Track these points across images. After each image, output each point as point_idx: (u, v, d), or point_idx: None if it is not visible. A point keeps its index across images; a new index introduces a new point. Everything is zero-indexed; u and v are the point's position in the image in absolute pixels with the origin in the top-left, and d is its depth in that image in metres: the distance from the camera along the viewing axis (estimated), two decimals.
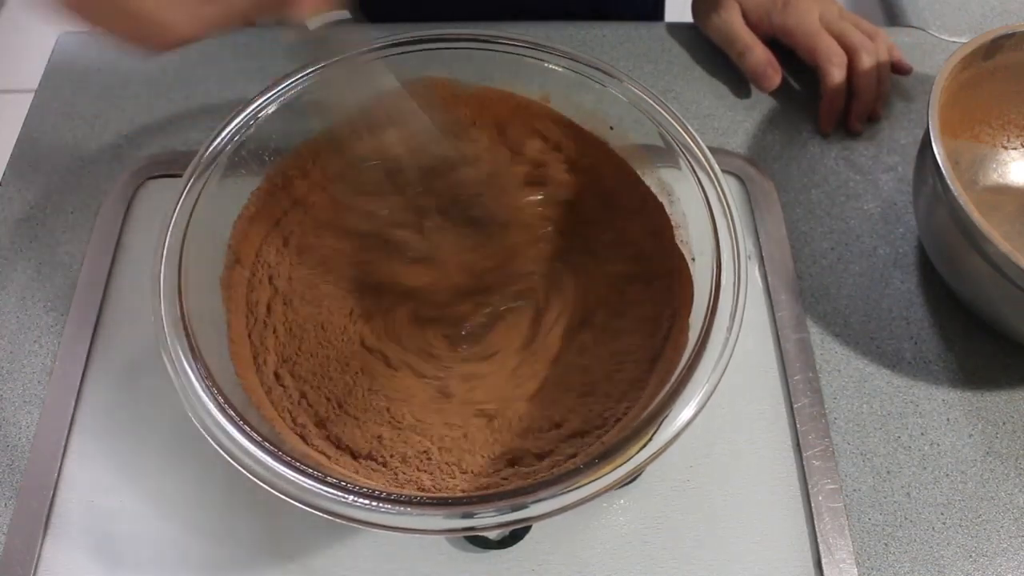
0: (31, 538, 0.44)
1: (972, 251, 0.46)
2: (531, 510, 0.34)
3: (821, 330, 0.53)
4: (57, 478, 0.46)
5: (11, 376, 0.50)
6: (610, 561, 0.44)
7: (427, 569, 0.44)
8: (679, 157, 0.44)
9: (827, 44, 0.60)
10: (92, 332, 0.50)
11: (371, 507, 0.34)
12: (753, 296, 0.53)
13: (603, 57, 0.47)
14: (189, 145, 0.59)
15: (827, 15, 0.62)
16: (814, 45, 0.61)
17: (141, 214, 0.55)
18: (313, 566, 0.44)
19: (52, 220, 0.56)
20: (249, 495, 0.45)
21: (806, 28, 0.61)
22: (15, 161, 0.58)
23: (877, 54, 0.61)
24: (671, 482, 0.47)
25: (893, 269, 0.55)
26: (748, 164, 0.59)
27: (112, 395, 0.49)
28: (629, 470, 0.35)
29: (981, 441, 0.49)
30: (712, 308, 0.40)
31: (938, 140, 0.47)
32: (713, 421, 0.48)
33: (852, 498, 0.47)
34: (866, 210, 0.58)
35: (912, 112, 0.63)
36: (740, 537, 0.45)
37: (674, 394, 0.37)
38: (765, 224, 0.56)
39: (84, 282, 0.52)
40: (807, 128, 0.62)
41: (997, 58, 0.53)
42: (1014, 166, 0.58)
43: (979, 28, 0.67)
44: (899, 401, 0.50)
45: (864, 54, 0.60)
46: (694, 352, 0.39)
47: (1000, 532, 0.46)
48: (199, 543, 0.44)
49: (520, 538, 0.45)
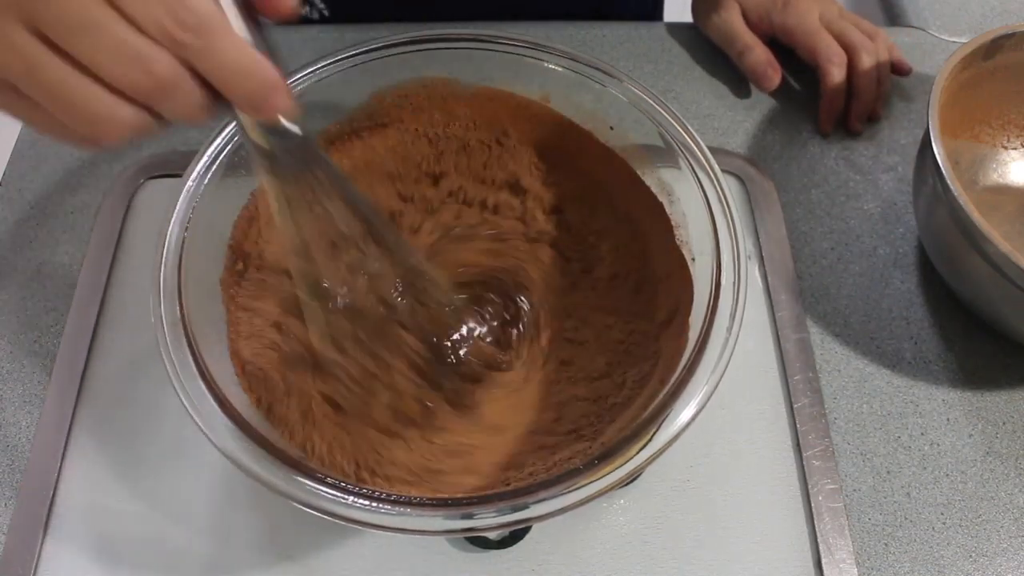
0: (31, 538, 0.44)
1: (972, 251, 0.46)
2: (531, 510, 0.34)
3: (821, 330, 0.53)
4: (57, 478, 0.46)
5: (11, 376, 0.50)
6: (610, 561, 0.44)
7: (427, 569, 0.44)
8: (679, 157, 0.44)
9: (827, 44, 0.60)
10: (92, 332, 0.50)
11: (371, 507, 0.34)
12: (753, 296, 0.53)
13: (603, 57, 0.47)
14: (189, 145, 0.59)
15: (827, 15, 0.62)
16: (814, 44, 0.61)
17: (141, 214, 0.55)
18: (313, 566, 0.44)
19: (52, 220, 0.56)
20: (249, 495, 0.45)
21: (806, 28, 0.61)
22: (15, 161, 0.58)
23: (877, 54, 0.61)
24: (671, 482, 0.47)
25: (893, 269, 0.55)
26: (748, 164, 0.59)
27: (112, 395, 0.49)
28: (629, 470, 0.35)
29: (981, 441, 0.49)
30: (712, 308, 0.39)
31: (938, 140, 0.47)
32: (713, 421, 0.48)
33: (852, 498, 0.47)
34: (866, 210, 0.58)
35: (912, 112, 0.63)
36: (740, 537, 0.45)
37: (674, 394, 0.37)
38: (765, 224, 0.56)
39: (84, 282, 0.52)
40: (807, 128, 0.62)
41: (997, 58, 0.53)
42: (1014, 166, 0.58)
43: (979, 28, 0.67)
44: (899, 401, 0.50)
45: (864, 54, 0.60)
46: (694, 352, 0.39)
47: (1000, 532, 0.46)
48: (199, 543, 0.44)
49: (520, 538, 0.45)
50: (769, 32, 0.63)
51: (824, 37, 0.61)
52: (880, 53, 0.61)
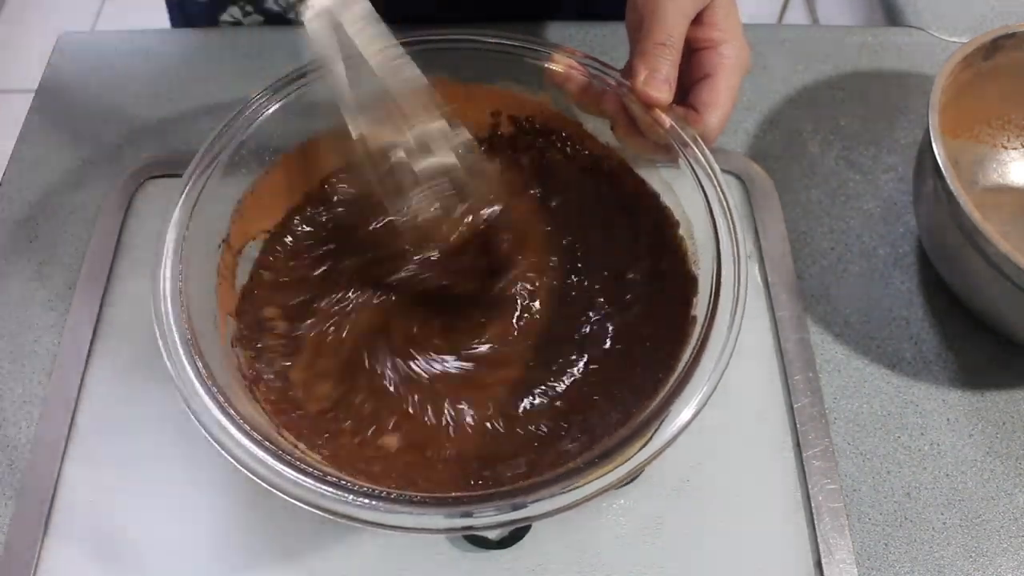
0: (31, 538, 0.44)
1: (972, 251, 0.46)
2: (531, 510, 0.34)
3: (821, 330, 0.53)
4: (57, 478, 0.46)
5: (11, 376, 0.50)
6: (610, 561, 0.44)
7: (427, 569, 0.44)
8: (679, 157, 0.44)
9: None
10: (92, 332, 0.50)
11: (371, 507, 0.34)
12: (753, 296, 0.53)
13: (603, 57, 0.47)
14: (189, 145, 0.59)
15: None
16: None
17: (141, 214, 0.55)
18: (313, 566, 0.44)
19: (52, 220, 0.56)
20: (249, 494, 0.45)
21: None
22: (15, 161, 0.58)
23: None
24: (671, 482, 0.47)
25: (893, 269, 0.55)
26: (748, 164, 0.59)
27: (112, 394, 0.49)
28: (629, 470, 0.35)
29: (981, 441, 0.49)
30: (712, 308, 0.40)
31: (938, 140, 0.47)
32: (713, 421, 0.48)
33: (852, 498, 0.47)
34: (866, 210, 0.58)
35: (912, 112, 0.63)
36: (740, 537, 0.45)
37: (674, 394, 0.37)
38: (765, 224, 0.56)
39: (84, 282, 0.52)
40: (807, 128, 0.62)
41: (997, 58, 0.53)
42: (1014, 166, 0.58)
43: (979, 28, 0.67)
44: (899, 401, 0.50)
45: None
46: (694, 352, 0.39)
47: (1000, 532, 0.46)
48: (199, 543, 0.44)
49: (520, 538, 0.45)
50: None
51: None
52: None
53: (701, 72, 0.43)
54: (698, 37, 0.43)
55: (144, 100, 0.61)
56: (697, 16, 0.43)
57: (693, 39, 0.43)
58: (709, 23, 0.43)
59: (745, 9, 0.49)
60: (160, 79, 0.62)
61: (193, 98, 0.61)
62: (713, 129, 0.43)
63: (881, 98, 0.63)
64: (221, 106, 0.61)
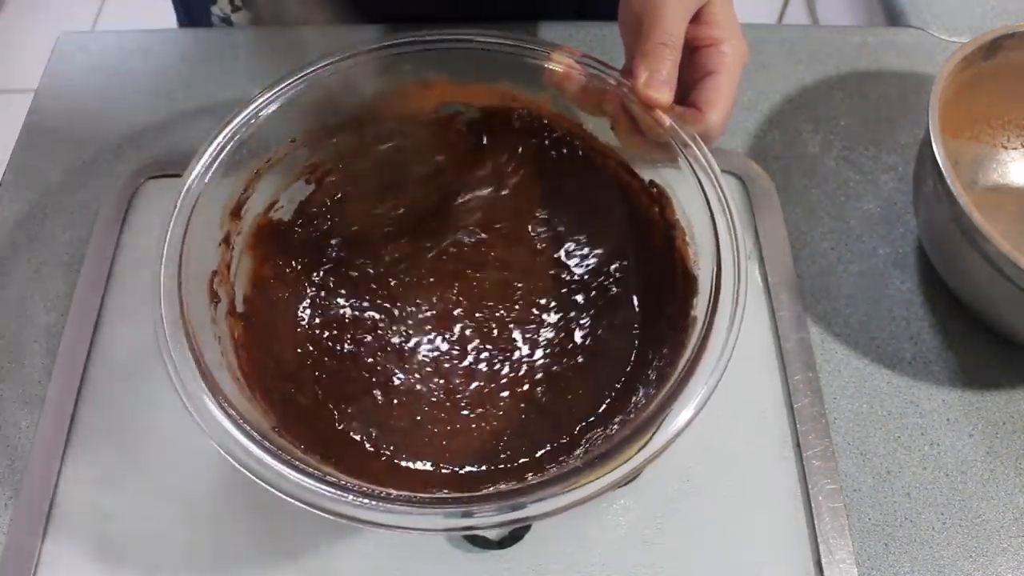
0: (31, 538, 0.44)
1: (972, 251, 0.46)
2: (531, 510, 0.34)
3: (821, 330, 0.53)
4: (57, 478, 0.46)
5: (11, 376, 0.50)
6: (610, 561, 0.44)
7: (427, 569, 0.44)
8: (679, 157, 0.44)
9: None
10: (92, 332, 0.50)
11: (371, 507, 0.34)
12: (753, 296, 0.53)
13: (602, 57, 0.47)
14: (189, 145, 0.58)
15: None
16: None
17: (141, 214, 0.55)
18: (313, 566, 0.44)
19: (52, 220, 0.56)
20: (249, 495, 0.45)
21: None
22: (15, 161, 0.58)
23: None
24: (671, 482, 0.47)
25: (893, 269, 0.55)
26: (748, 164, 0.59)
27: (112, 394, 0.49)
28: (629, 470, 0.35)
29: (981, 441, 0.49)
30: (712, 308, 0.39)
31: (938, 140, 0.47)
32: (713, 421, 0.48)
33: (852, 498, 0.47)
34: (866, 210, 0.58)
35: (912, 112, 0.63)
36: (740, 537, 0.45)
37: (674, 394, 0.37)
38: (765, 224, 0.56)
39: (84, 282, 0.52)
40: (807, 128, 0.62)
41: (997, 58, 0.53)
42: (1014, 166, 0.58)
43: (979, 28, 0.67)
44: (899, 401, 0.50)
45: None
46: (694, 352, 0.39)
47: (1000, 532, 0.46)
48: (199, 543, 0.44)
49: (520, 538, 0.45)
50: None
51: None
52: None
53: (703, 70, 0.43)
54: (698, 35, 0.43)
55: (144, 100, 0.61)
56: (696, 14, 0.43)
57: (693, 37, 0.43)
58: (708, 21, 0.43)
59: (745, 9, 0.49)
60: (160, 79, 0.62)
61: (193, 98, 0.61)
62: (716, 127, 0.43)
63: (881, 98, 0.63)
64: (221, 106, 0.61)
